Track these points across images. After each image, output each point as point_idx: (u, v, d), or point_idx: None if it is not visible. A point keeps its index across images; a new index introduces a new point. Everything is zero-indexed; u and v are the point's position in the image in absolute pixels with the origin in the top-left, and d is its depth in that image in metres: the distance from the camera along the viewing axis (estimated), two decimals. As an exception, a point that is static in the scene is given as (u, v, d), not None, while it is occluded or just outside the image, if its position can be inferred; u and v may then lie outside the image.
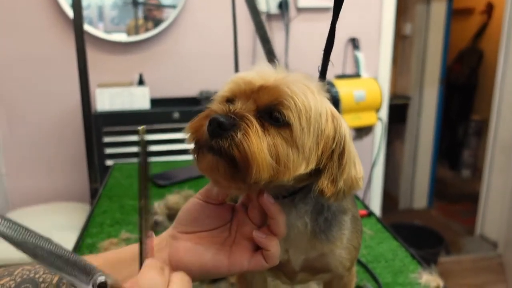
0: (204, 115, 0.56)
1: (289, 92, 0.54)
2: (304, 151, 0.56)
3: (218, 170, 0.54)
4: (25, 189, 2.55)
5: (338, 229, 0.69)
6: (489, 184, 3.41)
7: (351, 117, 2.24)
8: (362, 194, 2.55)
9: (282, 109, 0.54)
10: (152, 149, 2.24)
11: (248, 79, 0.58)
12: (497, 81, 3.25)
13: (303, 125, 0.55)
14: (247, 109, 0.55)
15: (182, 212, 0.62)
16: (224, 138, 0.52)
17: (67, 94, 2.43)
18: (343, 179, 0.58)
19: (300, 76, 0.59)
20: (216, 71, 2.55)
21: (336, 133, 0.58)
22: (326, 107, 0.58)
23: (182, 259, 0.59)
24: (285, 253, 0.69)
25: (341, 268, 0.72)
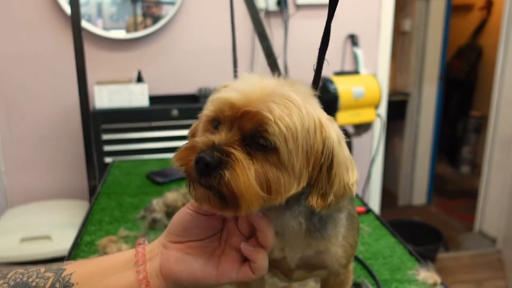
0: (189, 146, 0.56)
1: (272, 117, 0.54)
2: (295, 172, 0.56)
3: (210, 203, 0.55)
4: (24, 187, 2.56)
5: (333, 227, 0.69)
6: (488, 180, 3.41)
7: (350, 114, 2.24)
8: (361, 191, 2.55)
9: (267, 136, 0.54)
10: (150, 146, 2.24)
11: (230, 100, 0.57)
12: (496, 77, 3.25)
13: (291, 147, 0.55)
14: (232, 139, 0.55)
15: (173, 222, 0.62)
16: (212, 177, 0.53)
17: (66, 92, 2.42)
18: (333, 191, 0.58)
19: (285, 88, 0.58)
20: (215, 68, 2.55)
21: (324, 146, 0.57)
22: (314, 118, 0.57)
23: (172, 268, 0.59)
24: (281, 251, 0.69)
25: (337, 265, 0.72)
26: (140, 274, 0.58)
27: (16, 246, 2.00)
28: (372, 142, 2.83)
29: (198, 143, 0.55)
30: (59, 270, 0.60)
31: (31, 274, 0.59)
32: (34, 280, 0.58)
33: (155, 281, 0.59)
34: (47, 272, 0.59)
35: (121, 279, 0.59)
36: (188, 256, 0.60)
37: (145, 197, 1.48)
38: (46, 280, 0.58)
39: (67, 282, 0.58)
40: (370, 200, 3.01)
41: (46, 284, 0.58)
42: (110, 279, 0.59)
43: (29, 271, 0.60)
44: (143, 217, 1.35)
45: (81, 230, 1.26)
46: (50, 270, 0.60)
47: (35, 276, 0.59)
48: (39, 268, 0.60)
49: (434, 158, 4.06)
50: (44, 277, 0.59)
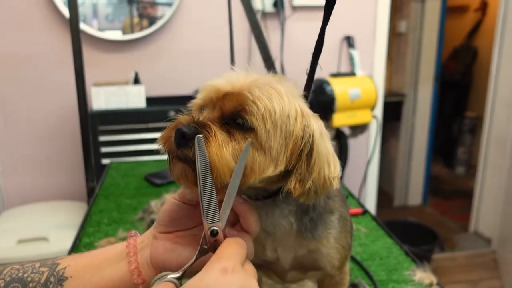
0: (172, 125, 0.58)
1: (251, 97, 0.56)
2: (271, 154, 0.57)
3: (186, 177, 0.57)
4: (21, 188, 2.55)
5: (323, 228, 0.70)
6: (483, 180, 3.43)
7: (346, 116, 2.25)
8: (357, 191, 2.56)
9: (245, 115, 0.56)
10: (147, 147, 2.24)
11: (217, 87, 0.60)
12: (491, 78, 3.27)
13: (268, 128, 0.56)
14: (211, 117, 0.57)
15: (161, 213, 0.63)
16: (188, 147, 0.54)
17: (63, 93, 2.43)
18: (312, 178, 0.58)
19: (270, 79, 0.60)
20: (212, 69, 2.56)
21: (305, 133, 0.58)
22: (295, 107, 0.59)
23: (162, 258, 0.61)
24: (273, 252, 0.70)
25: (330, 267, 0.73)
26: (131, 264, 0.60)
27: (13, 247, 2.00)
28: (368, 143, 2.85)
29: (180, 120, 0.58)
30: (53, 264, 0.61)
31: (26, 270, 0.60)
32: (29, 276, 0.60)
33: (146, 271, 0.60)
34: (41, 267, 0.61)
35: (114, 271, 0.60)
36: (177, 245, 0.61)
37: (143, 198, 1.49)
38: (41, 275, 0.60)
39: (61, 276, 0.59)
40: (366, 201, 3.03)
41: (41, 278, 0.59)
42: (103, 271, 0.60)
43: (24, 267, 0.61)
44: (141, 218, 1.35)
45: (80, 232, 1.26)
46: (45, 265, 0.61)
47: (30, 271, 0.60)
48: (34, 264, 0.62)
49: (430, 159, 4.08)
50: (39, 272, 0.60)
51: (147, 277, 0.60)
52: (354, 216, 1.38)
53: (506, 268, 2.86)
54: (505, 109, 3.17)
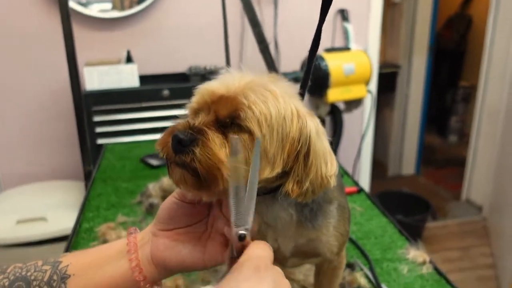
0: (169, 131, 0.58)
1: (246, 102, 0.56)
2: (268, 156, 0.58)
3: (186, 182, 0.57)
4: (16, 169, 2.56)
5: (323, 218, 0.72)
6: (476, 149, 3.48)
7: (340, 91, 2.25)
8: (351, 166, 2.59)
9: (240, 121, 0.56)
10: (142, 126, 2.24)
11: (211, 90, 0.60)
12: (486, 47, 3.26)
13: (264, 132, 0.56)
14: (207, 121, 0.57)
15: (160, 211, 0.64)
16: (185, 153, 0.55)
17: (55, 73, 2.39)
18: (310, 179, 0.59)
19: (265, 80, 0.60)
20: (205, 46, 2.53)
21: (301, 134, 0.59)
22: (291, 108, 0.59)
23: (162, 255, 0.62)
24: (274, 242, 0.72)
25: (329, 253, 0.75)
26: (132, 262, 0.61)
27: (12, 228, 2.02)
28: (362, 117, 2.86)
29: (176, 126, 0.58)
30: (55, 262, 0.62)
31: (29, 268, 0.62)
32: (32, 274, 0.61)
33: (147, 268, 0.62)
34: (44, 265, 0.62)
35: (115, 268, 0.61)
36: (177, 242, 0.62)
37: (141, 181, 1.50)
38: (44, 273, 0.61)
39: (64, 273, 0.61)
40: (360, 175, 3.06)
41: (44, 276, 0.61)
42: (105, 269, 0.61)
43: (27, 265, 0.62)
44: (139, 202, 1.37)
45: (79, 217, 1.28)
46: (47, 263, 0.62)
47: (33, 269, 0.61)
48: (37, 262, 0.63)
49: (423, 129, 4.11)
50: (41, 270, 0.61)
51: (148, 274, 0.62)
52: (349, 194, 1.40)
53: (496, 234, 2.93)
54: (499, 79, 3.18)
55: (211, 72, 2.33)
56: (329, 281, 0.85)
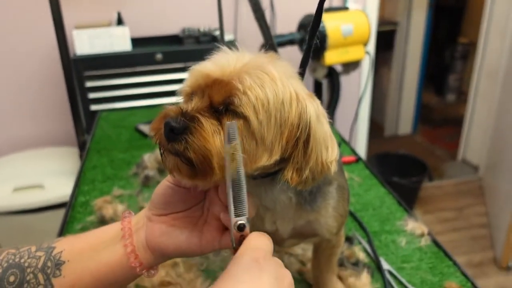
0: (161, 116, 0.56)
1: (241, 87, 0.53)
2: (265, 143, 0.55)
3: (180, 171, 0.55)
4: (8, 136, 2.52)
5: (322, 200, 0.70)
6: (474, 109, 3.46)
7: (338, 53, 2.19)
8: (348, 130, 2.56)
9: (234, 107, 0.53)
10: (136, 92, 2.20)
11: (205, 72, 0.57)
12: (487, 3, 3.17)
13: (261, 118, 0.54)
14: (200, 107, 0.55)
15: (155, 196, 0.62)
16: (178, 142, 0.53)
17: (43, 36, 2.31)
18: (309, 167, 0.57)
19: (262, 61, 0.57)
20: (198, 6, 2.43)
21: (301, 119, 0.56)
22: (290, 91, 0.56)
23: (158, 241, 0.60)
24: (273, 224, 0.71)
25: (328, 234, 0.75)
26: (127, 248, 0.60)
27: (9, 195, 2.02)
28: (360, 79, 2.81)
29: (168, 111, 0.55)
30: (49, 248, 0.61)
31: (22, 254, 0.60)
32: (26, 261, 0.60)
33: (142, 254, 0.61)
34: (38, 252, 0.61)
35: (111, 254, 0.60)
36: (173, 228, 0.61)
37: (136, 152, 1.48)
38: (38, 260, 0.60)
39: (58, 260, 0.60)
40: (357, 139, 3.04)
41: (38, 263, 0.59)
42: (100, 254, 0.60)
43: (21, 251, 0.61)
44: (135, 173, 1.35)
45: (75, 191, 1.26)
46: (41, 249, 0.61)
47: (27, 256, 0.60)
48: (30, 248, 0.62)
49: (421, 88, 4.07)
50: (35, 256, 0.60)
51: (144, 260, 0.61)
52: (347, 164, 1.39)
53: (491, 194, 2.96)
54: (499, 36, 3.11)
55: (205, 34, 2.26)
56: (327, 259, 0.85)
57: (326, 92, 2.53)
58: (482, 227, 2.80)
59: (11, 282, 0.59)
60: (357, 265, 0.95)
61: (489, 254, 2.57)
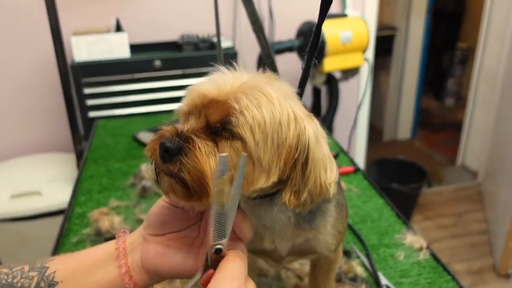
0: (157, 137, 0.55)
1: (238, 107, 0.53)
2: (262, 165, 0.54)
3: (175, 192, 0.54)
4: (5, 142, 2.51)
5: (321, 218, 0.70)
6: (473, 114, 3.46)
7: (337, 59, 2.19)
8: (347, 137, 2.56)
9: (231, 127, 0.53)
10: (134, 98, 2.19)
11: (202, 92, 0.56)
12: (486, 8, 3.18)
13: (258, 139, 0.53)
14: (196, 128, 0.54)
15: (150, 215, 0.62)
16: (173, 163, 0.52)
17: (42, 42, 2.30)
18: (308, 189, 0.57)
19: (260, 81, 0.57)
20: (197, 13, 2.43)
21: (299, 141, 0.56)
22: (288, 112, 0.55)
23: (153, 261, 0.60)
24: (272, 243, 0.71)
25: (326, 251, 0.74)
26: (122, 268, 0.59)
27: (7, 202, 2.01)
28: (359, 85, 2.80)
29: (164, 132, 0.55)
30: (42, 268, 0.60)
31: (15, 274, 0.59)
32: (19, 281, 0.59)
33: (137, 274, 0.60)
34: (31, 271, 0.60)
35: (105, 274, 0.59)
36: (168, 249, 0.60)
37: (133, 161, 1.47)
38: (31, 280, 0.59)
39: (51, 280, 0.59)
40: (356, 147, 3.03)
41: (31, 284, 0.59)
42: (94, 275, 0.59)
43: (13, 271, 0.60)
44: (132, 184, 1.34)
45: (72, 202, 1.26)
46: (34, 269, 0.60)
47: (20, 276, 0.59)
48: (23, 267, 0.61)
49: (420, 93, 4.07)
50: (28, 276, 0.59)
51: (139, 281, 0.60)
52: (345, 174, 1.38)
53: (490, 200, 2.96)
54: (498, 41, 3.11)
55: (204, 40, 2.25)
56: (325, 275, 0.85)
57: (325, 99, 2.52)
58: (481, 233, 2.79)
59: None
60: (355, 281, 0.95)
61: (489, 261, 2.56)
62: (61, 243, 1.08)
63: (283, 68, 1.25)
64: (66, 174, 2.16)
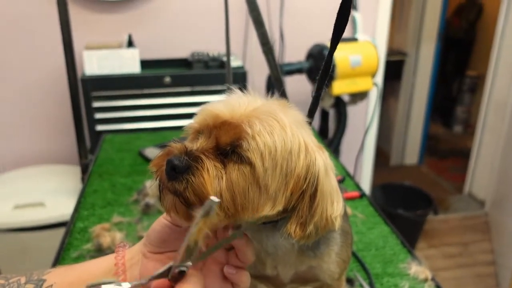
0: (164, 153, 0.55)
1: (251, 131, 0.52)
2: (268, 192, 0.54)
3: (177, 211, 0.54)
4: (12, 152, 2.52)
5: (326, 246, 0.69)
6: (481, 142, 3.43)
7: (346, 83, 2.19)
8: (354, 160, 2.55)
9: (241, 151, 0.52)
10: (143, 114, 2.20)
11: (215, 112, 0.56)
12: (497, 37, 3.18)
13: (267, 166, 0.52)
14: (205, 147, 0.54)
15: (151, 232, 0.61)
16: (179, 181, 0.51)
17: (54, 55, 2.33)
18: (314, 222, 0.56)
19: (273, 107, 0.56)
20: (208, 31, 2.46)
21: (308, 172, 0.55)
22: (299, 141, 0.55)
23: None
24: (274, 269, 0.70)
25: (330, 279, 0.73)
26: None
27: (10, 213, 2.01)
28: (367, 109, 2.80)
29: (172, 149, 0.54)
30: (39, 281, 0.59)
31: (12, 286, 0.59)
32: None
33: None
34: (27, 284, 0.59)
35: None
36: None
37: (138, 177, 1.46)
38: None
39: None
40: (362, 171, 3.01)
41: None
42: None
43: (10, 283, 0.60)
44: (136, 200, 1.34)
45: (74, 216, 1.25)
46: (31, 281, 0.59)
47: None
48: (19, 278, 0.60)
49: (428, 119, 4.05)
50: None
51: None
52: (350, 199, 1.36)
53: (497, 230, 2.91)
54: (508, 70, 3.10)
55: (214, 59, 2.27)
56: (327, 304, 0.83)
57: (333, 122, 2.52)
58: (487, 264, 2.74)
59: None
60: (357, 310, 0.92)
61: (494, 293, 2.51)
62: (61, 257, 1.07)
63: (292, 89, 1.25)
64: (70, 187, 2.16)
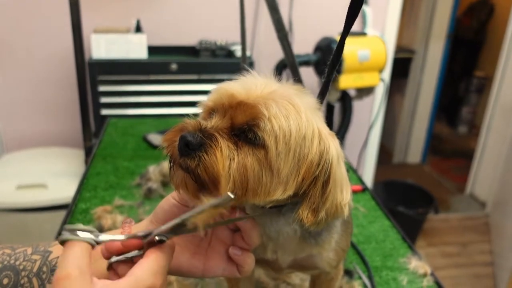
0: (178, 128, 0.55)
1: (267, 113, 0.52)
2: (280, 176, 0.53)
3: (186, 187, 0.54)
4: (19, 132, 2.53)
5: (327, 234, 0.69)
6: (485, 143, 3.42)
7: (353, 78, 2.18)
8: (357, 155, 2.54)
9: (257, 131, 0.52)
10: (148, 100, 2.20)
11: (230, 92, 0.55)
12: (507, 37, 3.15)
13: (280, 149, 0.52)
14: (220, 127, 0.54)
15: (159, 211, 0.61)
16: (191, 157, 0.51)
17: (62, 37, 2.33)
18: (326, 208, 0.56)
19: (290, 92, 0.56)
20: (216, 19, 2.45)
21: (322, 158, 0.55)
22: (313, 127, 0.55)
23: None
24: (273, 253, 0.70)
25: (328, 267, 0.73)
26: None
27: (13, 193, 2.02)
28: (372, 105, 2.79)
29: (186, 125, 0.54)
30: (46, 252, 0.60)
31: (18, 256, 0.59)
32: (21, 263, 0.59)
33: None
34: (34, 255, 0.59)
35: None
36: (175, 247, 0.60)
37: (141, 161, 1.47)
38: (33, 263, 0.58)
39: (54, 265, 0.58)
40: (365, 166, 3.01)
41: (33, 267, 0.58)
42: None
43: (16, 253, 0.60)
44: (138, 184, 1.34)
45: (76, 197, 1.25)
46: (37, 252, 0.60)
47: (22, 258, 0.59)
48: (26, 249, 0.60)
49: (433, 118, 4.04)
50: (31, 260, 0.59)
51: None
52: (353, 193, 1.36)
53: (497, 232, 2.91)
54: (517, 73, 3.08)
55: (222, 48, 2.26)
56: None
57: (338, 115, 2.51)
58: (485, 265, 2.74)
59: (4, 285, 0.58)
60: (355, 301, 0.93)
61: (491, 294, 2.51)
62: (62, 237, 1.07)
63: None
64: (73, 169, 2.17)
